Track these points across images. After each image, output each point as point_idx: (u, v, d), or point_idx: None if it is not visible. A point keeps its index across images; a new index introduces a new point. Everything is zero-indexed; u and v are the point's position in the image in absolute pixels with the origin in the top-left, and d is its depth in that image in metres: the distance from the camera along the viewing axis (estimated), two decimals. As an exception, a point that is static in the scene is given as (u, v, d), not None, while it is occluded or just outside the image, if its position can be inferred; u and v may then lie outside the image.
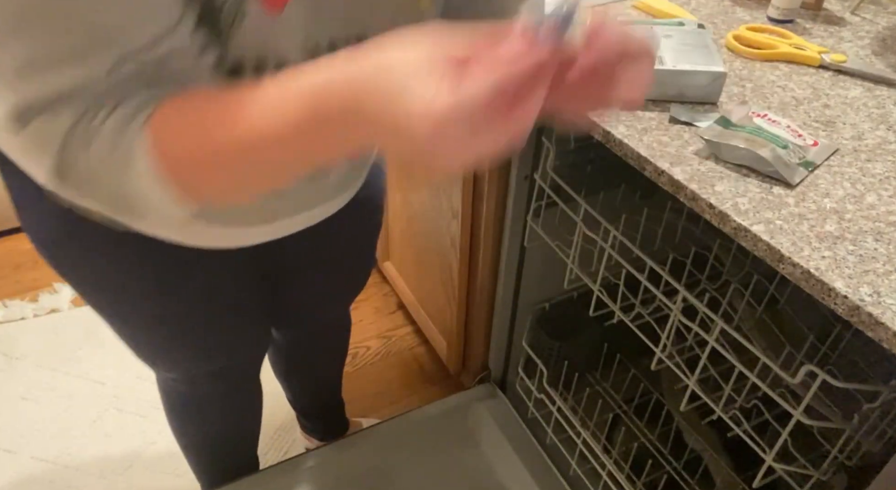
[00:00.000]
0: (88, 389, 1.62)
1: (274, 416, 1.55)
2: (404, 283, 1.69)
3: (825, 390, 0.70)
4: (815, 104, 0.85)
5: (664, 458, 1.18)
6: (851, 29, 1.02)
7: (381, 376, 1.67)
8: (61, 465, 1.46)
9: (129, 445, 1.50)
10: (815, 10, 1.07)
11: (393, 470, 1.23)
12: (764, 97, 0.86)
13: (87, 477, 1.44)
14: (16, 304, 1.81)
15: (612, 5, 1.08)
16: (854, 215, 0.67)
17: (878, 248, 0.63)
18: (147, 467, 1.46)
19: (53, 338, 1.74)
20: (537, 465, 1.25)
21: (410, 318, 1.77)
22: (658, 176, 0.74)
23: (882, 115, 0.82)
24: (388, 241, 1.70)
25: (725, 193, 0.70)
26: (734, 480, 1.10)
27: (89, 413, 1.57)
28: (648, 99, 0.84)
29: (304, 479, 1.22)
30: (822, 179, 0.72)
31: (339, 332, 1.27)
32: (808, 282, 0.62)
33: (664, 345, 0.89)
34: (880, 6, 1.09)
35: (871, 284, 0.59)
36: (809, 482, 0.76)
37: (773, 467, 0.77)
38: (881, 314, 0.56)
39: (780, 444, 0.76)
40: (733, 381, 0.81)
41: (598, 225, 0.93)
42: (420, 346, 1.74)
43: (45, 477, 1.44)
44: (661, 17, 1.03)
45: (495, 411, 1.33)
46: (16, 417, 1.56)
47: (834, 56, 0.92)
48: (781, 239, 0.64)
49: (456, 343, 1.45)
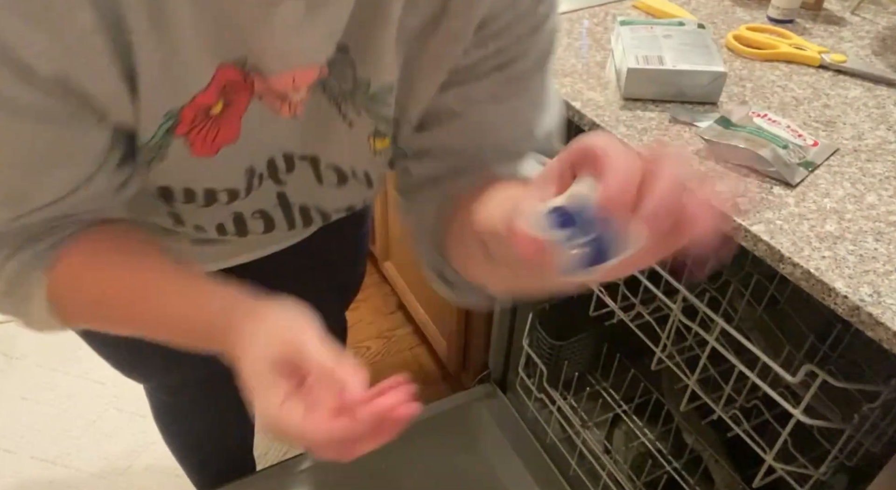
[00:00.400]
0: (88, 389, 1.62)
1: (274, 416, 1.55)
2: (404, 283, 1.69)
3: (825, 390, 0.70)
4: (815, 104, 0.85)
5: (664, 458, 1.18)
6: (851, 29, 1.02)
7: (381, 376, 1.66)
8: (61, 465, 1.46)
9: (129, 445, 1.50)
10: (815, 10, 1.07)
11: (393, 470, 1.23)
12: (764, 97, 0.86)
13: (87, 477, 1.44)
14: (16, 304, 1.82)
15: (612, 6, 1.08)
16: (854, 215, 0.67)
17: (878, 248, 0.63)
18: (147, 467, 1.46)
19: (53, 338, 1.74)
20: (537, 465, 1.25)
21: (410, 318, 1.77)
22: (658, 176, 0.74)
23: (882, 115, 0.82)
24: (388, 241, 1.70)
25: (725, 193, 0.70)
26: (734, 480, 1.10)
27: (89, 413, 1.57)
28: (648, 99, 0.84)
29: (303, 479, 1.22)
30: (823, 179, 0.72)
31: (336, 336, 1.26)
32: (808, 282, 0.62)
33: (664, 345, 0.89)
34: (880, 6, 1.09)
35: (871, 284, 0.59)
36: (809, 482, 0.76)
37: (773, 467, 0.77)
38: (881, 314, 0.56)
39: (780, 443, 0.76)
40: (733, 380, 0.81)
41: (598, 225, 0.92)
42: (420, 346, 1.74)
43: (45, 477, 1.44)
44: (661, 17, 1.03)
45: (495, 411, 1.33)
46: (16, 417, 1.56)
47: (834, 56, 0.92)
48: (781, 239, 0.64)
49: (456, 343, 1.45)
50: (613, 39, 0.95)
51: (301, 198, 0.63)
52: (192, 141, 0.50)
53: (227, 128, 0.51)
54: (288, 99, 0.52)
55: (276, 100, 0.52)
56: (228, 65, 0.47)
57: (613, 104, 0.84)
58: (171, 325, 0.54)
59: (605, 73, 0.90)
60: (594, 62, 0.93)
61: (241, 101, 0.51)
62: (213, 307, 0.51)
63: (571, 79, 0.89)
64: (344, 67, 0.51)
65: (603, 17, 1.05)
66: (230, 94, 0.49)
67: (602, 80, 0.89)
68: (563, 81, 0.88)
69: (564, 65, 0.92)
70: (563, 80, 0.88)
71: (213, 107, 0.49)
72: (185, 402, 1.03)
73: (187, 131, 0.49)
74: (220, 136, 0.51)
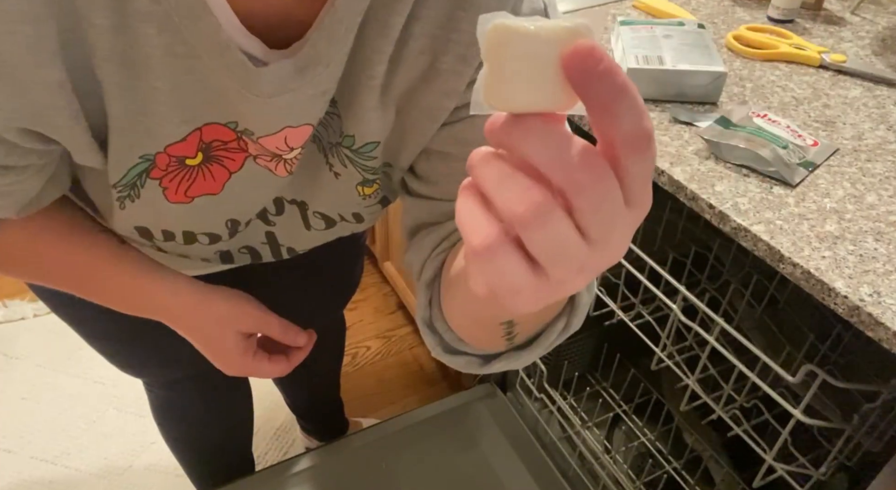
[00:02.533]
0: (88, 389, 1.62)
1: (274, 416, 1.55)
2: (404, 283, 1.69)
3: (825, 390, 0.70)
4: (815, 104, 0.85)
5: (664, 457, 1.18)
6: (851, 29, 1.02)
7: (381, 376, 1.67)
8: (61, 465, 1.46)
9: (129, 445, 1.50)
10: (815, 10, 1.07)
11: (393, 469, 1.23)
12: (764, 97, 0.86)
13: (87, 477, 1.44)
14: (16, 304, 1.81)
15: (612, 6, 1.08)
16: (854, 215, 0.67)
17: (878, 248, 0.63)
18: (147, 467, 1.46)
19: (53, 338, 1.74)
20: (537, 466, 1.25)
21: (410, 318, 1.77)
22: (658, 176, 0.74)
23: (882, 115, 0.82)
24: (388, 241, 1.70)
25: (725, 193, 0.70)
26: (734, 480, 1.10)
27: (89, 413, 1.57)
28: (648, 99, 0.84)
29: (303, 479, 1.22)
30: (822, 179, 0.72)
31: (333, 334, 1.26)
32: (808, 282, 0.62)
33: (664, 344, 0.89)
34: (880, 6, 1.09)
35: (871, 284, 0.59)
36: (809, 482, 0.76)
37: (773, 467, 0.77)
38: (881, 314, 0.56)
39: (780, 443, 0.76)
40: (733, 380, 0.81)
41: (598, 225, 0.92)
42: (420, 346, 1.74)
43: (45, 477, 1.44)
44: (661, 17, 1.03)
45: (495, 411, 1.33)
46: (16, 417, 1.56)
47: (834, 56, 0.92)
48: (781, 239, 0.64)
49: (456, 343, 1.44)
50: (613, 39, 0.95)
51: (289, 241, 0.63)
52: (164, 186, 0.50)
53: (206, 180, 0.51)
54: (282, 159, 0.51)
55: (271, 160, 0.51)
56: (219, 125, 0.47)
57: (613, 104, 0.84)
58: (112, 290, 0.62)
59: (605, 73, 0.90)
60: (594, 62, 0.92)
61: (234, 160, 0.51)
62: (166, 281, 0.63)
63: (571, 79, 0.89)
64: (332, 119, 0.51)
65: (603, 17, 1.05)
66: (217, 151, 0.49)
67: (602, 80, 0.89)
68: (563, 81, 0.88)
69: (564, 65, 0.91)
70: (563, 80, 0.88)
71: (190, 159, 0.49)
72: (183, 396, 1.03)
73: (161, 176, 0.49)
74: (196, 186, 0.51)
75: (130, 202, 0.51)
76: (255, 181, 0.53)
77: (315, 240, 0.64)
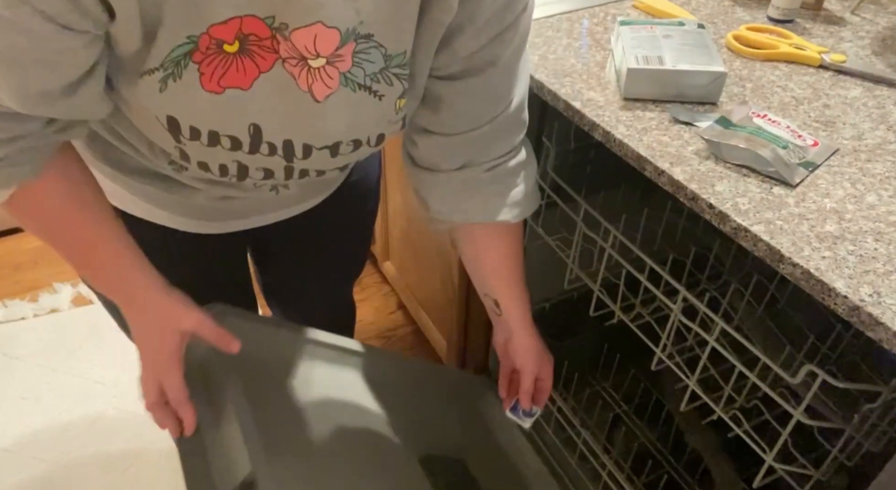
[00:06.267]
0: (88, 389, 1.62)
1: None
2: (404, 283, 1.69)
3: (825, 390, 0.70)
4: (815, 104, 0.85)
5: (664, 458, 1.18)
6: (851, 29, 1.02)
7: (381, 376, 1.67)
8: (61, 465, 1.47)
9: (129, 445, 1.50)
10: (815, 10, 1.07)
11: None
12: (764, 97, 0.86)
13: (87, 477, 1.44)
14: (16, 304, 1.81)
15: (612, 6, 1.08)
16: (854, 215, 0.67)
17: (878, 248, 0.63)
18: (147, 467, 1.46)
19: (53, 338, 1.74)
20: (537, 465, 1.24)
21: (410, 318, 1.77)
22: (658, 176, 0.74)
23: (882, 115, 0.82)
24: (388, 241, 1.70)
25: (725, 193, 0.70)
26: (734, 480, 1.10)
27: (89, 413, 1.57)
28: (648, 99, 0.85)
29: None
30: (822, 179, 0.72)
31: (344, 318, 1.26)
32: (808, 282, 0.62)
33: (664, 345, 0.89)
34: (880, 6, 1.09)
35: (871, 284, 0.59)
36: (809, 482, 0.76)
37: (773, 467, 0.77)
38: (881, 314, 0.56)
39: (780, 444, 0.76)
40: (733, 381, 0.81)
41: (599, 225, 0.93)
42: (420, 346, 1.74)
43: (45, 477, 1.44)
44: (661, 17, 1.03)
45: (495, 411, 1.33)
46: (16, 417, 1.56)
47: (834, 56, 0.92)
48: (781, 239, 0.64)
49: (456, 343, 1.45)
50: (613, 39, 0.95)
51: (307, 165, 0.67)
52: (202, 71, 0.54)
53: (238, 72, 0.55)
54: (308, 66, 0.56)
55: (297, 65, 0.56)
56: (257, 18, 0.52)
57: (613, 104, 0.84)
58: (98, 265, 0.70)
59: (605, 74, 0.90)
60: (594, 62, 0.93)
61: (265, 59, 0.55)
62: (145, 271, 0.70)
63: (571, 79, 0.89)
64: (370, 51, 0.58)
65: (603, 17, 1.05)
66: (252, 45, 0.54)
67: (602, 81, 0.89)
68: (563, 81, 0.88)
69: (564, 65, 0.92)
70: (563, 80, 0.88)
71: (228, 44, 0.53)
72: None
73: (201, 60, 0.53)
74: (229, 76, 0.55)
75: (173, 82, 0.54)
76: (280, 88, 0.57)
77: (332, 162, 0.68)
